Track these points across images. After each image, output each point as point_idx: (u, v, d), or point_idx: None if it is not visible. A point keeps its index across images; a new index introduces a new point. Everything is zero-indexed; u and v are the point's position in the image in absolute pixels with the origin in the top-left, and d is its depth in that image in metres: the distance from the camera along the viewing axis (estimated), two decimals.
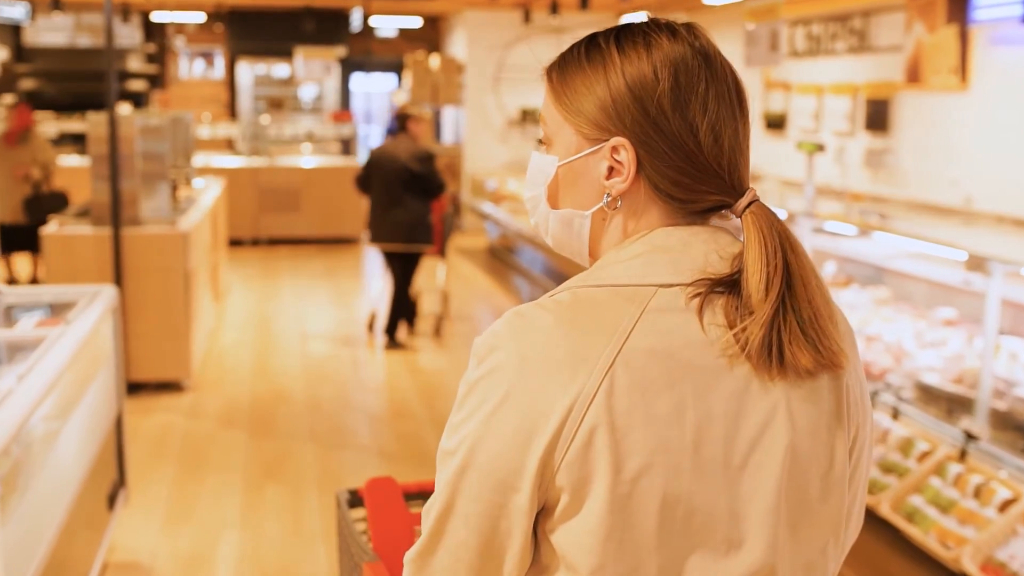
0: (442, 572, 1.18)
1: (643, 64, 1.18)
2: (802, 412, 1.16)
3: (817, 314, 1.15)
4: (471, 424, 1.15)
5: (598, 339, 1.11)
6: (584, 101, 1.20)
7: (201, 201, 7.76)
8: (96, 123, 6.08)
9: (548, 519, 1.14)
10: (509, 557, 1.16)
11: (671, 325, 1.12)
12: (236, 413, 5.97)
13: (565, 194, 1.24)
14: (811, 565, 1.19)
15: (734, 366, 1.13)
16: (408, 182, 7.34)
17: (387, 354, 7.36)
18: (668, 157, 1.17)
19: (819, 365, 1.14)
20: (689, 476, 1.11)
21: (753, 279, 1.13)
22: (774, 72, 10.68)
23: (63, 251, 6.10)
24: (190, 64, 15.62)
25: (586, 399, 1.09)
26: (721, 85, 1.19)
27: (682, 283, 1.14)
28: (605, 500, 1.09)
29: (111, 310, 3.88)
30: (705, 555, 1.13)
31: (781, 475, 1.14)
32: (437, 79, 13.37)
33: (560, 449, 1.09)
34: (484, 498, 1.14)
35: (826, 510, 1.19)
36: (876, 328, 5.10)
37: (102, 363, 3.76)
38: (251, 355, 7.25)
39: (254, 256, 11.45)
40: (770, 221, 1.17)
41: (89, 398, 3.49)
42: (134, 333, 6.17)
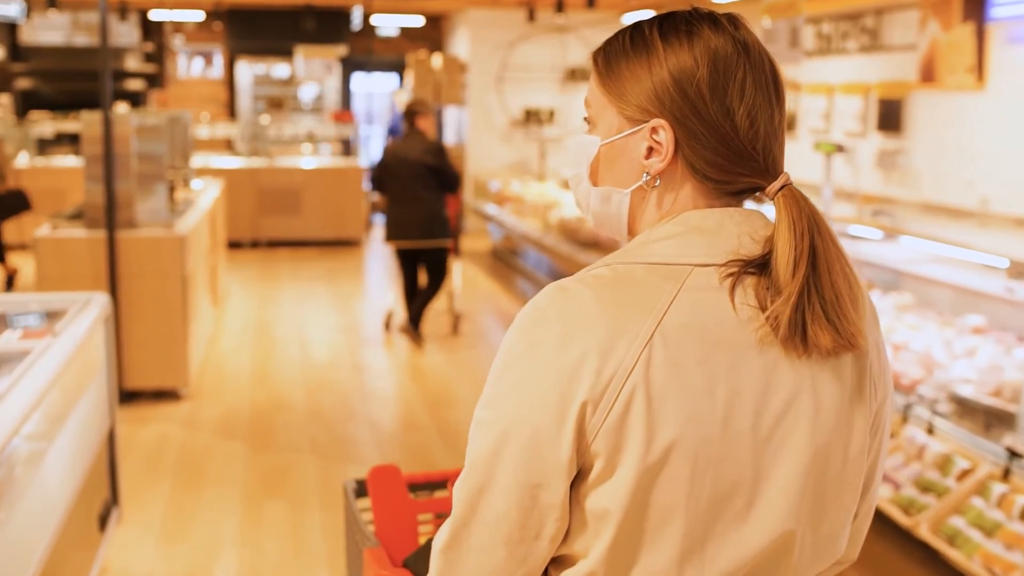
0: (479, 549, 1.21)
1: (684, 52, 1.23)
2: (826, 389, 1.22)
3: (839, 296, 1.19)
4: (512, 396, 1.19)
5: (637, 314, 1.16)
6: (627, 85, 1.26)
7: (199, 203, 7.55)
8: (90, 122, 5.87)
9: (581, 484, 1.18)
10: (547, 526, 1.20)
11: (705, 303, 1.18)
12: (235, 423, 5.76)
13: (606, 172, 1.31)
14: (828, 535, 1.26)
15: (764, 343, 1.18)
16: (425, 177, 7.33)
17: (391, 361, 7.15)
18: (705, 139, 1.22)
19: (838, 345, 1.19)
20: (718, 446, 1.16)
21: (782, 260, 1.18)
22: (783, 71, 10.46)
23: (55, 255, 5.88)
24: (188, 63, 15.40)
25: (625, 371, 1.14)
26: (759, 73, 1.24)
27: (716, 263, 1.20)
28: (637, 466, 1.14)
29: (103, 319, 3.67)
30: (729, 521, 1.18)
31: (804, 448, 1.20)
32: (439, 79, 13.16)
33: (599, 417, 1.15)
34: (525, 468, 1.17)
35: (844, 483, 1.25)
36: (902, 336, 4.89)
37: (93, 375, 3.55)
38: (250, 362, 7.04)
39: (253, 259, 11.24)
40: (800, 204, 1.22)
41: (79, 413, 3.27)
42: (129, 340, 5.96)
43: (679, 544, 1.18)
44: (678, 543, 1.18)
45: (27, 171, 11.55)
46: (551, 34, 12.91)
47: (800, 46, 5.98)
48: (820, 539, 1.25)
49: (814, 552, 1.26)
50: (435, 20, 15.48)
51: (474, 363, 7.14)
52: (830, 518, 1.25)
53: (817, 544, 1.25)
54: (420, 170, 7.31)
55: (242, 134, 12.66)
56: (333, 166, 12.33)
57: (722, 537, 1.19)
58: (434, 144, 7.44)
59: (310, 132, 13.37)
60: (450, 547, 1.24)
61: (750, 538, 1.19)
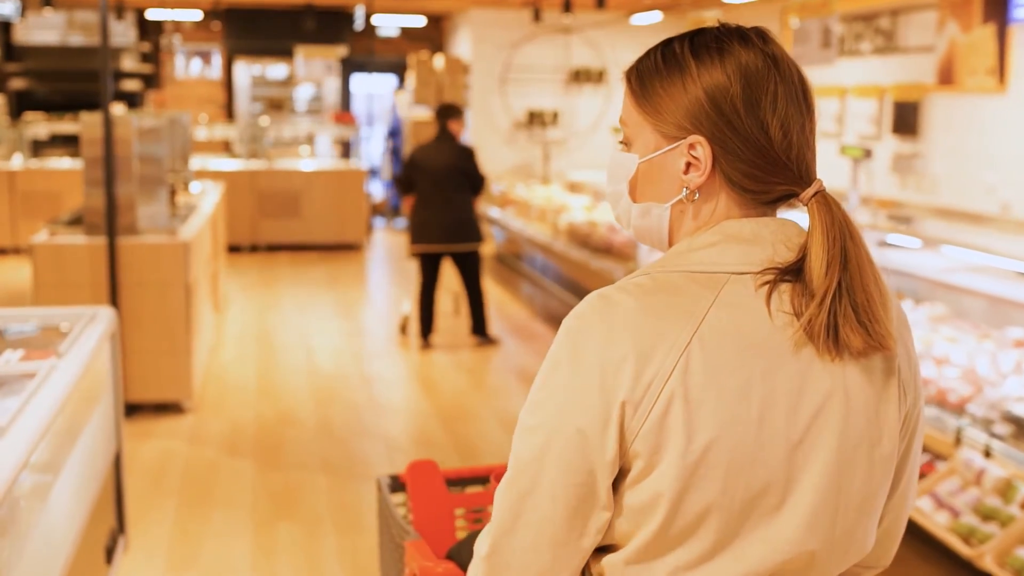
0: (523, 552, 1.25)
1: (717, 69, 1.27)
2: (857, 392, 1.26)
3: (870, 299, 1.23)
4: (556, 400, 1.24)
5: (676, 321, 1.21)
6: (663, 104, 1.30)
7: (201, 207, 7.31)
8: (90, 124, 5.63)
9: (622, 483, 1.23)
10: (591, 526, 1.24)
11: (742, 310, 1.23)
12: (241, 438, 5.52)
13: (645, 188, 1.35)
14: (855, 535, 1.29)
15: (799, 348, 1.23)
16: (456, 180, 7.28)
17: (399, 370, 6.92)
18: (741, 152, 1.26)
19: (869, 346, 1.23)
20: (752, 448, 1.21)
21: (816, 263, 1.23)
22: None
23: (53, 262, 5.64)
24: (186, 63, 15.14)
25: (665, 375, 1.19)
26: (789, 85, 1.28)
27: (752, 271, 1.25)
28: (676, 466, 1.19)
29: (109, 335, 3.44)
30: (759, 520, 1.23)
31: (834, 450, 1.24)
32: (441, 80, 12.95)
33: (638, 419, 1.20)
34: (570, 470, 1.22)
35: (872, 485, 1.28)
36: (942, 350, 4.67)
37: (99, 397, 3.32)
38: (254, 372, 6.80)
39: (253, 263, 11.00)
40: (833, 210, 1.26)
41: (85, 440, 3.04)
42: (131, 351, 5.72)
43: (711, 541, 1.23)
44: (710, 540, 1.23)
45: (21, 173, 11.31)
46: (555, 35, 12.69)
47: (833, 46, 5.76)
48: (846, 539, 1.29)
49: (841, 552, 1.29)
50: (436, 20, 15.26)
51: (485, 371, 6.92)
52: (857, 519, 1.29)
53: (844, 544, 1.29)
54: (451, 173, 7.26)
55: (240, 136, 12.40)
56: (333, 168, 12.09)
57: (752, 535, 1.23)
58: (466, 148, 7.40)
59: (310, 134, 13.12)
60: (494, 552, 1.27)
61: (779, 537, 1.24)
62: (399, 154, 14.03)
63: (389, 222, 14.01)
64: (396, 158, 14.13)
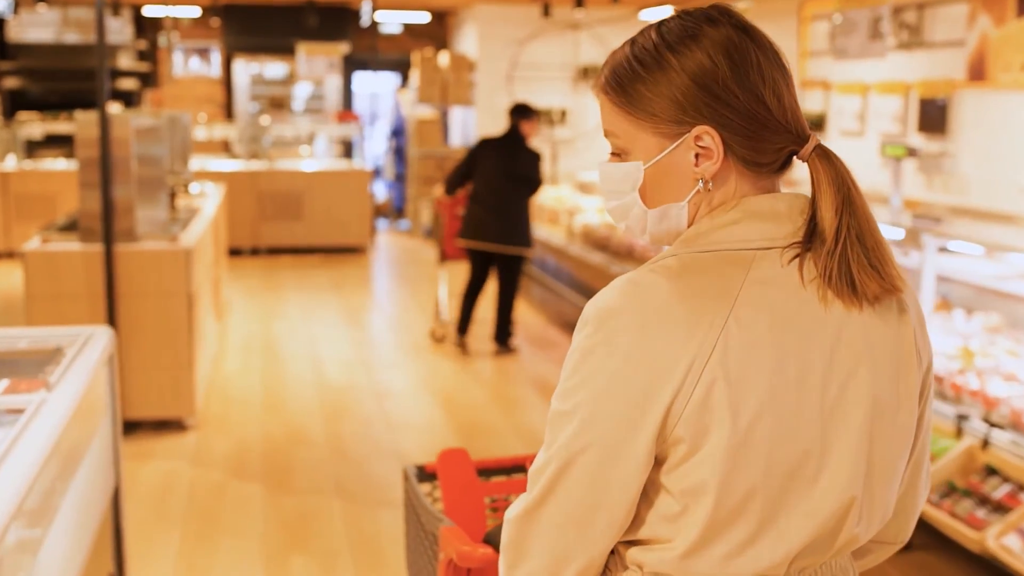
0: (549, 526, 1.27)
1: (697, 54, 1.26)
2: (881, 360, 1.28)
3: (878, 244, 1.27)
4: (590, 387, 1.23)
5: (711, 301, 1.21)
6: (654, 105, 1.28)
7: (203, 211, 6.95)
8: (86, 123, 5.27)
9: (666, 467, 1.24)
10: (618, 515, 1.25)
11: (772, 285, 1.24)
12: (248, 459, 5.17)
13: (656, 192, 1.32)
14: (880, 498, 1.31)
15: (829, 315, 1.25)
16: (518, 182, 7.01)
17: (412, 382, 6.56)
18: (746, 129, 1.27)
19: (883, 290, 1.26)
20: (792, 420, 1.22)
21: (826, 211, 1.25)
22: (811, 69, 9.95)
23: (47, 271, 5.28)
24: (184, 61, 14.75)
25: (704, 356, 1.19)
26: (766, 51, 1.29)
27: (778, 246, 1.26)
28: (723, 447, 1.20)
29: (107, 359, 3.08)
30: (800, 488, 1.24)
31: (864, 415, 1.27)
32: (446, 77, 12.61)
33: (680, 403, 1.20)
34: (603, 457, 1.22)
35: (895, 446, 1.31)
36: (1009, 366, 4.32)
37: (96, 432, 2.97)
38: (259, 385, 6.44)
39: (254, 267, 10.63)
40: (833, 160, 1.29)
41: (79, 483, 2.69)
42: (130, 365, 5.37)
43: (757, 518, 1.23)
44: (756, 517, 1.23)
45: (15, 175, 10.94)
46: (564, 31, 12.33)
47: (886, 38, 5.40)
48: (874, 502, 1.30)
49: (869, 516, 1.30)
50: (441, 16, 14.89)
51: (503, 383, 6.56)
52: (882, 480, 1.30)
53: (872, 507, 1.30)
54: (515, 174, 6.99)
55: (240, 136, 12.03)
56: (336, 169, 11.72)
57: (794, 508, 1.24)
58: (535, 153, 7.11)
59: (311, 133, 12.75)
60: (523, 519, 1.29)
61: (818, 507, 1.24)
62: (402, 154, 13.68)
63: (393, 223, 13.65)
64: (399, 158, 13.78)
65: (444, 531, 1.88)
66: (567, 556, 1.28)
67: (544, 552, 1.29)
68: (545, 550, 1.28)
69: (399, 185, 13.85)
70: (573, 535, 1.26)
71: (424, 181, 12.72)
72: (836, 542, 1.29)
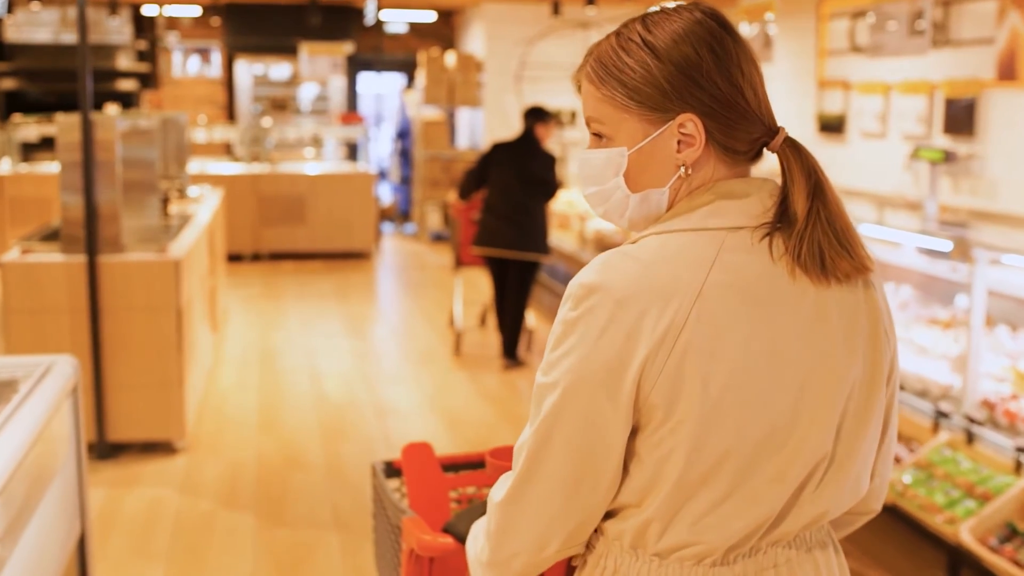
0: (537, 501, 1.32)
1: (682, 45, 1.33)
2: (851, 337, 1.34)
3: (847, 226, 1.33)
4: (572, 358, 1.28)
5: (684, 274, 1.27)
6: (640, 92, 1.34)
7: (197, 217, 6.61)
8: (67, 126, 4.93)
9: (640, 435, 1.30)
10: (604, 479, 1.31)
11: (743, 262, 1.30)
12: (239, 485, 4.82)
13: (639, 177, 1.37)
14: (856, 474, 1.37)
15: (798, 290, 1.31)
16: (534, 187, 6.73)
17: (416, 398, 6.21)
18: (726, 118, 1.33)
19: (853, 269, 1.33)
20: (763, 391, 1.28)
21: (798, 196, 1.32)
22: (830, 69, 9.60)
23: (25, 284, 4.94)
24: (184, 61, 14.41)
25: (678, 327, 1.25)
26: (741, 45, 1.36)
27: (749, 225, 1.32)
28: (695, 413, 1.26)
29: (69, 391, 2.74)
30: (769, 456, 1.30)
31: (836, 389, 1.32)
32: (453, 78, 12.27)
33: (655, 372, 1.26)
34: (585, 424, 1.28)
35: (867, 420, 1.37)
36: None
37: (54, 475, 2.62)
38: (255, 402, 6.10)
39: (254, 273, 10.29)
40: (802, 151, 1.36)
41: (30, 536, 2.34)
42: (115, 384, 5.03)
43: (726, 485, 1.29)
44: (727, 484, 1.29)
45: (10, 178, 10.62)
46: (574, 30, 11.98)
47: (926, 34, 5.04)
48: (847, 476, 1.36)
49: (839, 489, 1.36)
50: (447, 15, 14.56)
51: (512, 400, 6.20)
52: (854, 455, 1.36)
53: (844, 481, 1.36)
54: (530, 179, 6.71)
55: (242, 138, 11.68)
56: (340, 172, 11.37)
57: (762, 474, 1.30)
58: (550, 156, 6.85)
59: (315, 135, 12.40)
60: (510, 500, 1.34)
61: (788, 476, 1.30)
62: (408, 156, 13.34)
63: (398, 227, 13.32)
64: (405, 160, 13.44)
65: (406, 522, 1.91)
66: (553, 527, 1.33)
67: (531, 526, 1.33)
68: (532, 523, 1.33)
69: (405, 188, 13.51)
70: (559, 505, 1.31)
71: (431, 184, 12.40)
72: (804, 514, 1.34)
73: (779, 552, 1.36)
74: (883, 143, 8.92)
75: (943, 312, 5.15)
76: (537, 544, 1.34)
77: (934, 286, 5.58)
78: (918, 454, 4.00)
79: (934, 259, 5.55)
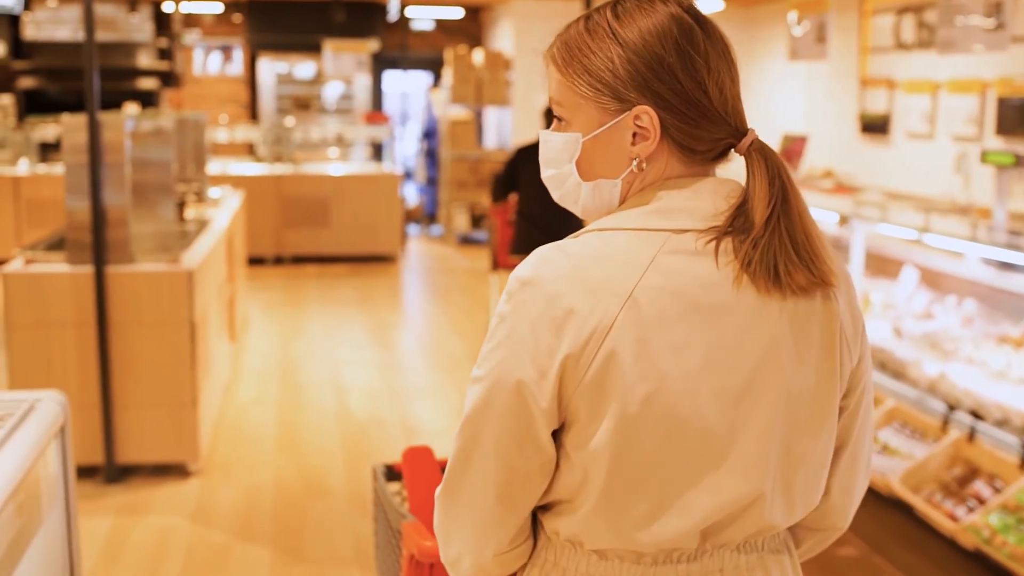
0: (471, 494, 1.31)
1: (648, 36, 1.29)
2: (800, 346, 1.30)
3: (808, 237, 1.29)
4: (500, 352, 1.27)
5: (617, 274, 1.25)
6: (598, 79, 1.31)
7: (215, 222, 6.28)
8: (73, 126, 4.61)
9: (567, 434, 1.28)
10: (535, 473, 1.29)
11: (683, 266, 1.26)
12: (256, 514, 4.48)
13: (592, 165, 1.35)
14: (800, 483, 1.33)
15: (741, 297, 1.26)
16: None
17: (445, 415, 5.86)
18: (685, 115, 1.30)
19: (812, 283, 1.28)
20: (694, 400, 1.24)
21: (757, 203, 1.27)
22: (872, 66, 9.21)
23: (29, 296, 4.61)
24: (205, 59, 14.10)
25: (605, 327, 1.23)
26: (715, 42, 1.32)
27: (695, 228, 1.28)
28: (618, 419, 1.23)
29: (56, 432, 2.40)
30: (705, 466, 1.26)
31: (776, 400, 1.28)
32: (481, 76, 11.93)
33: (580, 371, 1.23)
34: (512, 418, 1.26)
35: (814, 433, 1.33)
36: None
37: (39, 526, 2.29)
38: (275, 419, 5.76)
39: (276, 277, 9.97)
40: (769, 156, 1.32)
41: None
42: (123, 404, 4.70)
43: (657, 492, 1.27)
44: (656, 491, 1.26)
45: (27, 179, 10.34)
46: None
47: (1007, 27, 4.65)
48: (794, 489, 1.33)
49: (789, 503, 1.33)
50: (475, 12, 14.22)
51: None
52: (801, 468, 1.32)
53: (791, 494, 1.33)
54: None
55: (264, 138, 11.37)
56: (365, 173, 11.03)
57: (698, 484, 1.26)
58: None
59: (339, 135, 12.07)
60: (446, 494, 1.34)
61: (722, 485, 1.27)
62: (434, 156, 13.01)
63: (425, 229, 12.98)
64: (431, 161, 13.11)
65: (406, 527, 1.89)
66: (490, 524, 1.31)
67: (467, 522, 1.32)
68: (468, 518, 1.32)
69: (431, 189, 13.18)
70: (492, 500, 1.30)
71: (457, 185, 12.07)
72: (748, 525, 1.31)
73: (726, 556, 1.33)
74: (930, 144, 8.53)
75: (1014, 329, 4.76)
76: (477, 542, 1.33)
77: (999, 300, 5.20)
78: (1005, 495, 3.61)
79: (1002, 271, 5.18)
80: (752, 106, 1.47)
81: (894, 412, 4.34)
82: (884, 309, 5.36)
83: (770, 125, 10.35)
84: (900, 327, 4.97)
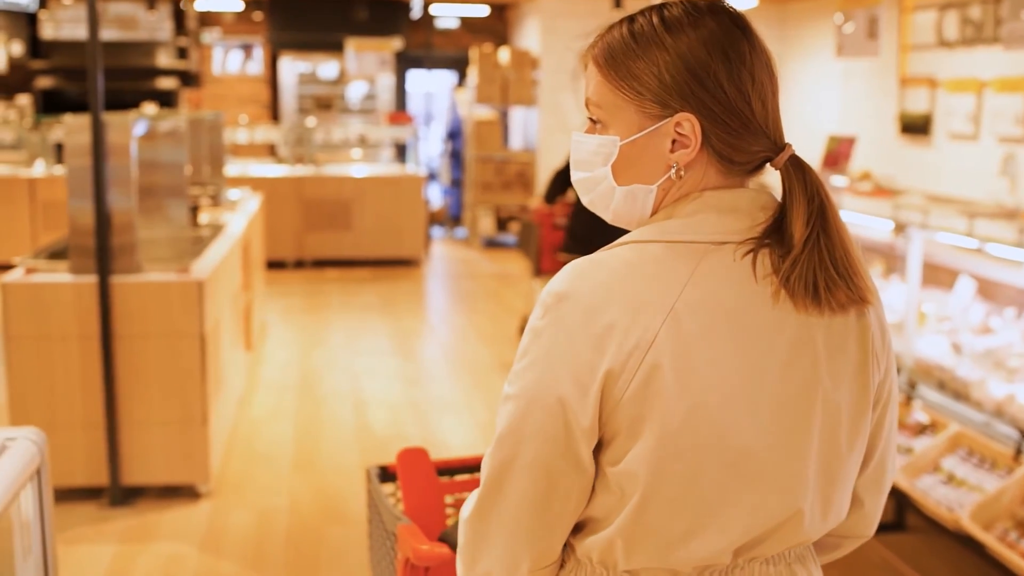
0: (507, 518, 1.27)
1: (694, 43, 1.27)
2: (836, 363, 1.28)
3: (847, 254, 1.27)
4: (536, 369, 1.24)
5: (657, 290, 1.22)
6: (642, 83, 1.28)
7: (230, 227, 6.00)
8: (75, 127, 4.34)
9: (605, 451, 1.25)
10: (574, 493, 1.25)
11: (723, 279, 1.24)
12: (269, 541, 4.19)
13: (628, 170, 1.32)
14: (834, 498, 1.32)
15: (780, 313, 1.25)
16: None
17: (470, 431, 5.57)
18: (727, 125, 1.27)
19: (851, 300, 1.27)
20: (734, 417, 1.22)
21: (796, 220, 1.25)
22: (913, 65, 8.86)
23: (30, 307, 4.34)
24: (224, 58, 13.86)
25: (647, 342, 1.20)
26: (760, 54, 1.30)
27: (733, 241, 1.26)
28: (658, 435, 1.20)
29: (30, 473, 2.11)
30: (745, 483, 1.23)
31: (817, 415, 1.27)
32: (507, 75, 11.64)
33: (621, 387, 1.21)
34: (551, 437, 1.23)
35: (849, 448, 1.31)
36: None
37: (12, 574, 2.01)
38: (291, 435, 5.47)
39: (297, 282, 9.70)
40: (807, 171, 1.29)
41: None
42: (130, 421, 4.43)
43: (695, 509, 1.23)
44: (696, 508, 1.23)
45: (43, 181, 10.12)
46: None
47: None
48: (828, 502, 1.31)
49: (823, 516, 1.31)
50: (500, 10, 13.92)
51: None
52: (836, 482, 1.31)
53: (826, 507, 1.31)
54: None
55: (285, 138, 11.11)
56: (388, 174, 10.75)
57: (738, 502, 1.24)
58: None
59: (362, 136, 11.80)
60: (478, 517, 1.30)
61: (763, 502, 1.24)
62: (459, 157, 12.73)
63: (449, 232, 12.69)
64: (456, 162, 12.83)
65: (401, 529, 1.87)
66: (523, 543, 1.28)
67: (500, 543, 1.29)
68: (500, 540, 1.29)
69: (456, 191, 12.89)
70: (528, 521, 1.27)
71: (483, 187, 11.79)
72: (784, 540, 1.29)
73: (756, 568, 1.31)
74: (974, 146, 8.18)
75: None
76: (508, 562, 1.29)
77: None
78: None
79: None
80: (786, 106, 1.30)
81: (959, 438, 4.01)
82: (939, 322, 5.03)
83: (805, 126, 10.02)
84: (959, 342, 4.64)
